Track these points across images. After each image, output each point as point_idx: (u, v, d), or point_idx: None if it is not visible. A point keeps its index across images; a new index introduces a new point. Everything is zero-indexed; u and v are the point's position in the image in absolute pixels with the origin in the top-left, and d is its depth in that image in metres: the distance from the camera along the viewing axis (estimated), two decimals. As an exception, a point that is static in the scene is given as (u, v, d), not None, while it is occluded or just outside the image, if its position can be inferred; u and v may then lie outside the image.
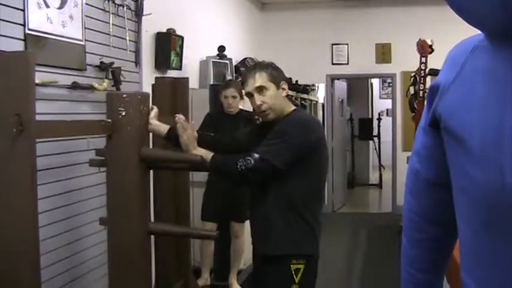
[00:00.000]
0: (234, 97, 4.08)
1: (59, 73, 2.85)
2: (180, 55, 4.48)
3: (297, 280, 2.25)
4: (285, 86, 2.36)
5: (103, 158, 2.50)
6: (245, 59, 5.88)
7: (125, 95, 2.35)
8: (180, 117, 2.36)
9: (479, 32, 0.91)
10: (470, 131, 0.87)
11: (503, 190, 0.81)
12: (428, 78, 5.72)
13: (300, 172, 2.26)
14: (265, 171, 2.19)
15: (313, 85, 8.10)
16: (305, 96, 7.54)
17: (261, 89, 2.31)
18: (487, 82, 0.86)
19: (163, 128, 2.41)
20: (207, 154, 2.27)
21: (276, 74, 2.34)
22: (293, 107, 2.40)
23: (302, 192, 2.29)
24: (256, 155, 2.17)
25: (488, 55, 0.88)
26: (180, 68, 4.51)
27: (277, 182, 2.27)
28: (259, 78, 2.31)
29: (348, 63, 7.70)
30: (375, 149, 10.63)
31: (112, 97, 2.39)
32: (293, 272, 2.24)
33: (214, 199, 4.09)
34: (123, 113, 2.28)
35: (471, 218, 0.90)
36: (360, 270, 5.07)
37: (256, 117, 4.37)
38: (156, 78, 3.31)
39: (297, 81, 7.04)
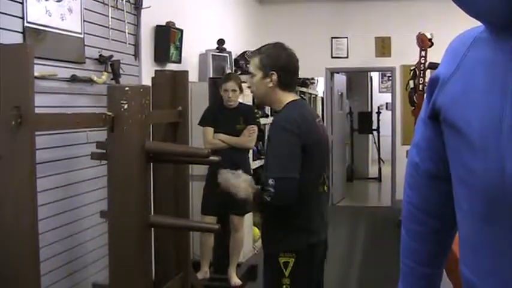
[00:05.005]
0: (233, 90, 4.08)
1: (57, 66, 2.84)
2: (179, 48, 4.47)
3: (287, 273, 2.24)
4: (274, 76, 2.30)
5: (104, 151, 2.50)
6: (245, 52, 5.87)
7: (127, 88, 2.34)
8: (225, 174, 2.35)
9: (479, 24, 0.91)
10: (471, 123, 0.87)
11: (503, 181, 0.81)
12: (428, 72, 5.71)
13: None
14: (289, 188, 2.17)
15: (313, 79, 8.09)
16: (304, 89, 7.54)
17: (251, 74, 2.39)
18: (487, 73, 0.86)
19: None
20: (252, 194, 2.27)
21: (266, 61, 2.32)
22: (289, 99, 2.34)
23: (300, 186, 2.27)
24: (271, 181, 2.16)
25: (488, 46, 0.88)
26: (179, 61, 4.50)
27: None
28: (252, 64, 2.38)
29: (347, 57, 7.69)
30: (374, 142, 10.63)
31: (114, 90, 2.38)
32: (282, 265, 2.24)
33: (214, 193, 4.07)
34: (125, 106, 2.27)
35: (470, 210, 0.91)
36: (358, 263, 5.09)
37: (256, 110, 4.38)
38: (156, 71, 3.30)
39: (296, 74, 7.02)
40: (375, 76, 11.98)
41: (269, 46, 2.38)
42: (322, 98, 8.36)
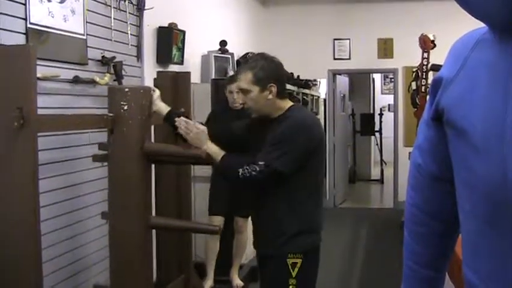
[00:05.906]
0: (238, 92, 4.07)
1: (60, 67, 2.84)
2: (181, 49, 4.47)
3: (294, 274, 2.24)
4: (273, 88, 2.27)
5: (106, 152, 2.50)
6: (247, 53, 5.87)
7: (127, 89, 2.35)
8: (179, 121, 2.31)
9: (482, 25, 0.90)
10: (473, 124, 0.87)
11: (505, 183, 0.81)
12: (431, 74, 5.70)
13: (300, 171, 2.23)
14: (269, 178, 2.18)
15: (315, 80, 8.07)
16: (307, 91, 7.52)
17: (243, 91, 2.32)
18: (490, 75, 0.86)
19: (165, 109, 2.40)
20: (218, 153, 2.24)
21: (262, 75, 2.26)
22: (289, 104, 2.35)
23: (301, 189, 2.26)
24: (262, 163, 2.15)
25: (491, 48, 0.87)
26: (181, 62, 4.50)
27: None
28: (244, 80, 2.30)
29: (349, 58, 7.68)
30: (377, 144, 10.62)
31: (114, 91, 2.39)
32: (290, 266, 2.23)
33: (221, 193, 4.08)
34: (125, 107, 2.27)
35: (473, 212, 0.90)
36: (361, 265, 5.08)
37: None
38: (158, 72, 3.30)
39: (298, 76, 7.02)
40: (377, 78, 11.97)
41: (257, 58, 2.36)
42: (325, 100, 8.34)
